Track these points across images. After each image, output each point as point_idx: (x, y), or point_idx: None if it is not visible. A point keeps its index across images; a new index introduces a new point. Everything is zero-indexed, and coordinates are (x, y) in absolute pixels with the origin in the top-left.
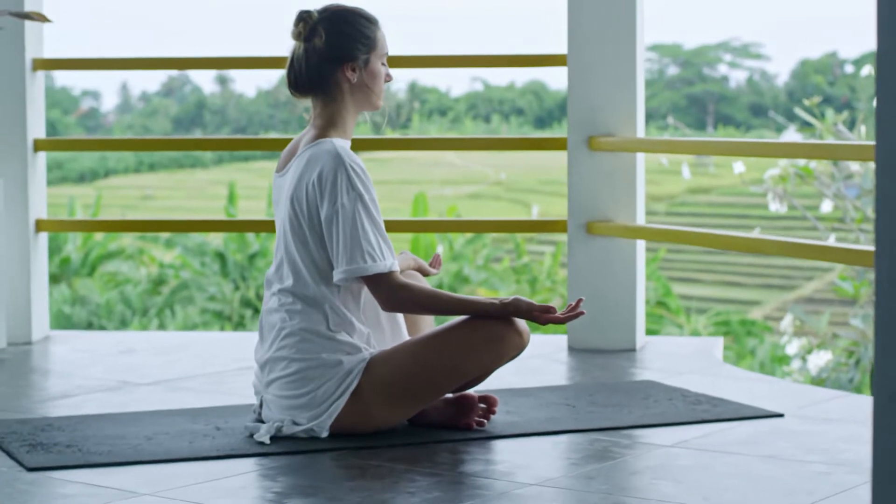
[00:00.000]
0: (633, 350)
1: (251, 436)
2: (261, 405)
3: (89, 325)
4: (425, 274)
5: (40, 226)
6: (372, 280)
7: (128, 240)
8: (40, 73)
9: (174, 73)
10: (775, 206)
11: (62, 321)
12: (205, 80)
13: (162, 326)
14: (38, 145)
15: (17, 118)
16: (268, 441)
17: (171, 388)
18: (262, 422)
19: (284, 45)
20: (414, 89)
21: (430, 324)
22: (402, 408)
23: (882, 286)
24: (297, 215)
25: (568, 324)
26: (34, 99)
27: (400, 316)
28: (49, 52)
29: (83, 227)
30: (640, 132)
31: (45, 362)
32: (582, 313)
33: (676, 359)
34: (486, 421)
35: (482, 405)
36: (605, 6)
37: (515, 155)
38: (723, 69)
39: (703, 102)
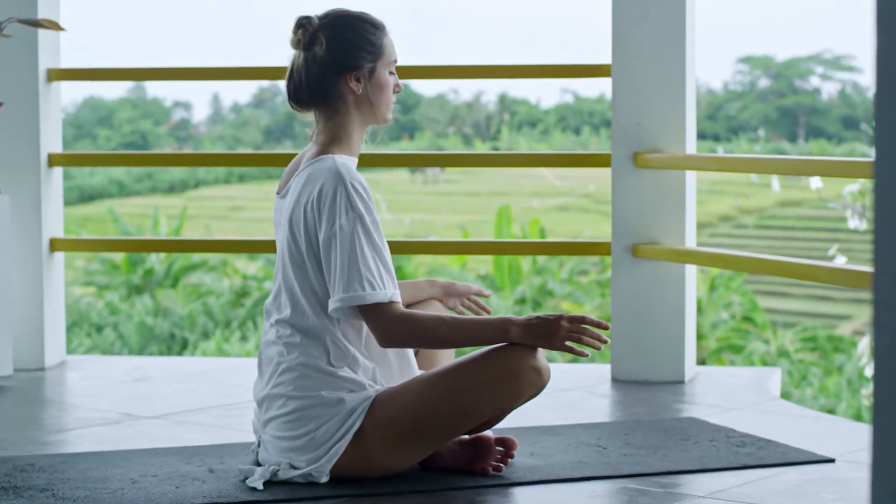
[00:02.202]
0: (682, 382)
1: (245, 480)
2: (259, 446)
3: (171, 337)
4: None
5: (55, 245)
6: (369, 311)
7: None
8: (56, 85)
9: (265, 83)
10: (854, 223)
11: (144, 332)
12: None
13: (244, 339)
14: (54, 160)
15: (30, 131)
16: (261, 487)
17: (175, 422)
18: (260, 464)
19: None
20: (504, 101)
21: (448, 357)
22: (410, 451)
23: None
24: (295, 239)
25: (613, 353)
26: (49, 111)
27: (409, 350)
28: (82, 63)
29: (100, 247)
30: (690, 148)
31: (50, 391)
32: (604, 342)
33: (727, 392)
34: (503, 466)
35: (499, 448)
36: (652, 13)
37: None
38: (814, 81)
39: (794, 115)
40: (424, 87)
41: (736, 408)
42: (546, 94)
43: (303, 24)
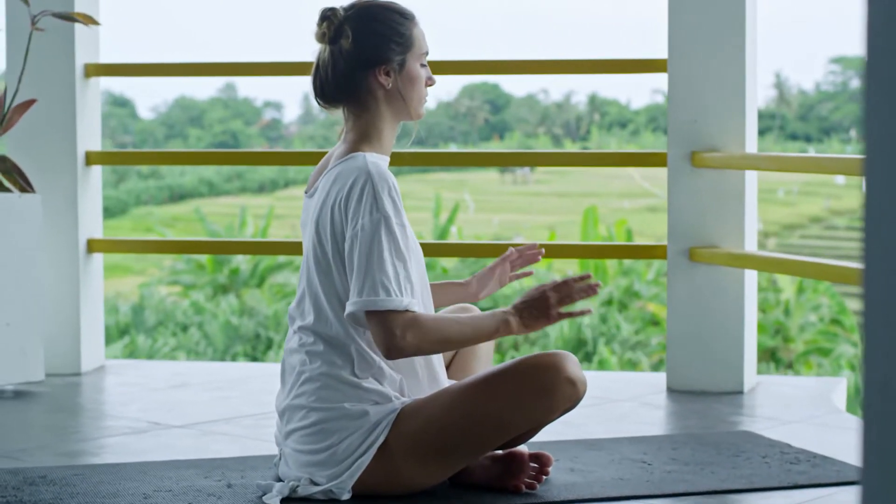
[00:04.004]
0: (741, 393)
1: (263, 496)
2: (280, 459)
3: (256, 336)
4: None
5: (93, 246)
6: (378, 317)
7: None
8: (94, 80)
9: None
10: None
11: (229, 332)
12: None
13: None
14: (91, 158)
15: (66, 129)
16: None
17: (203, 432)
18: (281, 479)
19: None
20: (594, 101)
21: (482, 367)
22: (438, 466)
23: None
24: (320, 241)
25: (668, 362)
26: (87, 108)
27: (438, 360)
28: (126, 59)
29: (138, 248)
30: (751, 147)
31: (81, 398)
32: (596, 285)
33: (787, 404)
34: (537, 483)
35: (534, 464)
36: (710, 4)
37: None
38: None
39: None
40: (514, 88)
41: (795, 421)
42: (637, 94)
43: (327, 16)
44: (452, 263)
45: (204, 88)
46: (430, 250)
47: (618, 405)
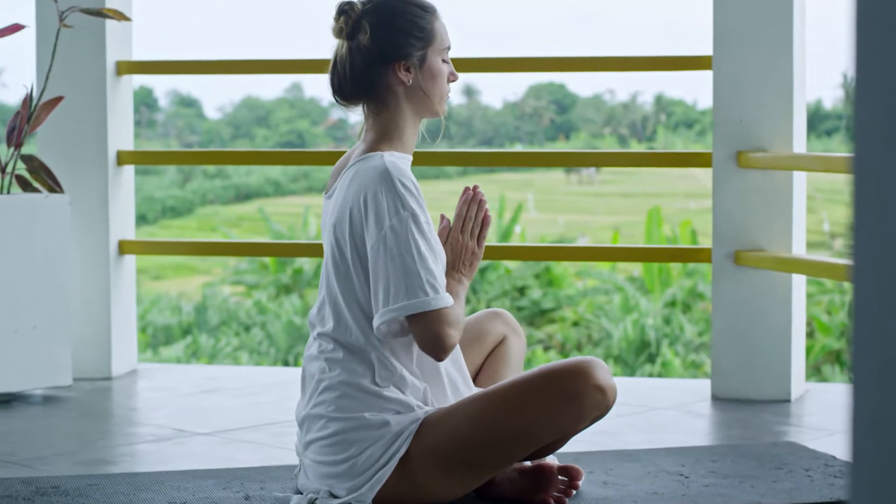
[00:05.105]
0: (788, 401)
1: None
2: (300, 470)
3: None
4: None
5: (124, 248)
6: (428, 319)
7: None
8: (126, 78)
9: None
10: None
11: (292, 332)
12: (452, 92)
13: None
14: (123, 158)
15: (97, 128)
16: None
17: (228, 440)
18: (300, 491)
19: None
20: (660, 101)
21: (511, 373)
22: (462, 478)
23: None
24: (339, 245)
25: (713, 368)
26: (118, 106)
27: (463, 366)
28: (160, 56)
29: (170, 250)
30: (799, 147)
31: (108, 403)
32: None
33: (836, 413)
34: (566, 498)
35: (563, 478)
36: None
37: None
38: None
39: None
40: (580, 88)
41: (843, 431)
42: (703, 95)
43: (345, 10)
44: (515, 265)
45: (270, 88)
46: (495, 253)
47: (659, 413)
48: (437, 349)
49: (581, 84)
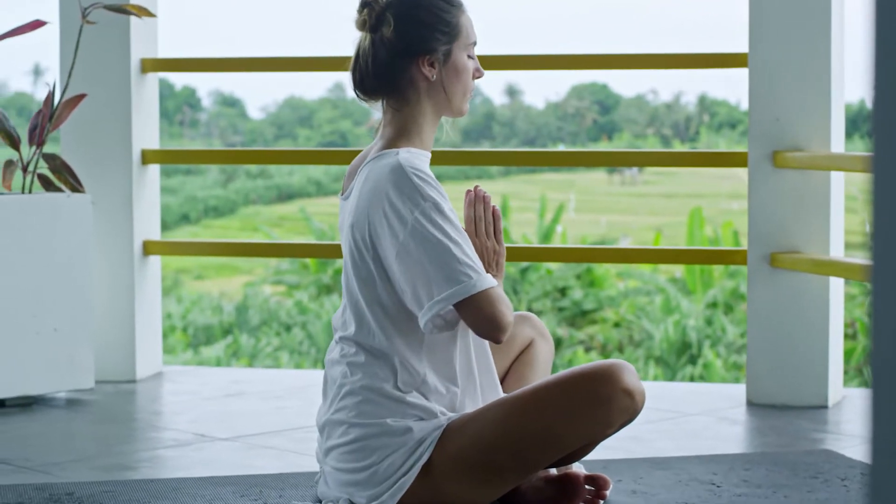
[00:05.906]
0: (825, 407)
1: None
2: (321, 478)
3: None
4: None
5: (149, 248)
6: (476, 302)
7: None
8: (151, 76)
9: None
10: None
11: (328, 330)
12: (495, 92)
13: None
14: (147, 157)
15: (121, 126)
16: None
17: (249, 445)
18: (320, 499)
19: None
20: (703, 102)
21: (539, 376)
22: (485, 486)
23: None
24: (358, 247)
25: (748, 374)
26: (143, 104)
27: (493, 369)
28: (189, 54)
29: (195, 251)
30: (837, 146)
31: (131, 407)
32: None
33: None
34: None
35: (589, 487)
36: None
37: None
38: None
39: None
40: (623, 89)
41: None
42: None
43: (368, 2)
44: (557, 265)
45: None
46: (533, 255)
47: (692, 419)
48: (494, 330)
49: (624, 84)
